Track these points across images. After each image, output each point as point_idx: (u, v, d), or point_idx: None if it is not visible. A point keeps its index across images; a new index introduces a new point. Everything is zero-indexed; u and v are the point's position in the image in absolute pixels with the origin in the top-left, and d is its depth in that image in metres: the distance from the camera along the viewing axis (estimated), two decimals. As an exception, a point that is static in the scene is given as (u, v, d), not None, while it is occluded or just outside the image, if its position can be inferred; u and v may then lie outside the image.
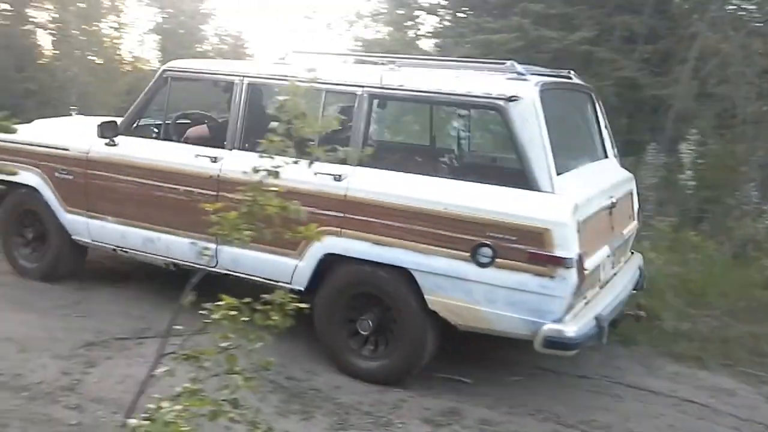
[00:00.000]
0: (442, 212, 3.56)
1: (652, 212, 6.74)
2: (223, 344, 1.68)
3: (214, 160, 4.22)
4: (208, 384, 1.65)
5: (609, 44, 8.92)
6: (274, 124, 1.74)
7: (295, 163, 1.78)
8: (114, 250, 4.78)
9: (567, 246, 3.36)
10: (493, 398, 3.75)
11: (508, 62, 3.93)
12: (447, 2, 11.56)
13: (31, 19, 34.53)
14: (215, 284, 2.58)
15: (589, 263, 3.53)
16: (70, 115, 8.48)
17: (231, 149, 4.25)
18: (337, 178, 3.82)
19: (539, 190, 3.49)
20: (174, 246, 4.37)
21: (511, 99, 3.58)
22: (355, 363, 3.91)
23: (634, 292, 4.39)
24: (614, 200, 4.03)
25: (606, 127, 4.73)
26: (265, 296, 1.80)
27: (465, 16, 10.84)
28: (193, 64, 4.95)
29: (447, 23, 11.98)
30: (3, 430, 2.93)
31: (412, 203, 3.64)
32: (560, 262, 3.35)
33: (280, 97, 1.71)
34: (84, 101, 11.04)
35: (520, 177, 3.56)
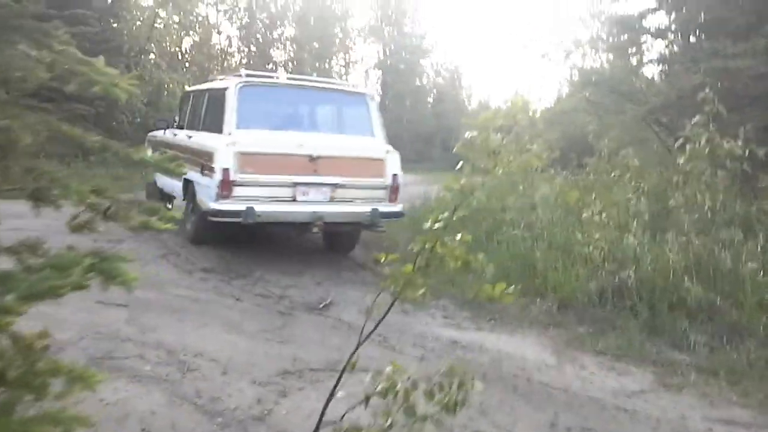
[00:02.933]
0: (193, 148, 7.49)
1: None
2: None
3: (174, 134, 8.70)
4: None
5: None
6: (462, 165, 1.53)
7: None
8: None
9: (218, 162, 6.59)
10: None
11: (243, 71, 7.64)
12: (677, 25, 10.58)
13: (273, 59, 38.32)
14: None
15: (242, 177, 6.53)
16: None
17: (180, 128, 8.61)
18: (189, 137, 7.92)
19: (223, 134, 6.83)
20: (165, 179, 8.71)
21: (226, 89, 7.15)
22: (187, 232, 7.54)
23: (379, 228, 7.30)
24: (315, 153, 6.81)
25: (377, 117, 7.58)
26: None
27: (695, 40, 9.84)
28: (196, 86, 9.47)
29: (676, 48, 11.00)
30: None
31: (188, 144, 7.81)
32: (212, 170, 6.64)
33: (468, 134, 1.50)
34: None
35: (219, 128, 6.97)
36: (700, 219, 6.08)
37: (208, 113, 7.67)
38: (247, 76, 7.43)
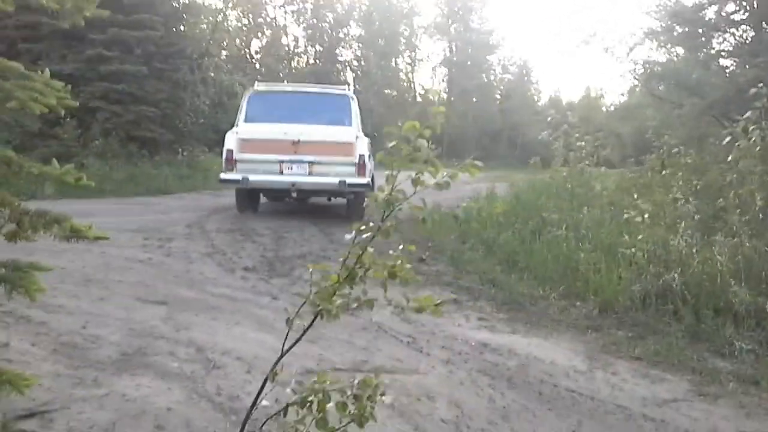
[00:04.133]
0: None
1: None
2: None
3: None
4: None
5: None
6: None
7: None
8: None
9: (226, 145, 9.46)
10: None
11: (258, 83, 10.84)
12: (746, 16, 10.04)
13: (339, 59, 38.69)
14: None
15: (241, 156, 9.32)
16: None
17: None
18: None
19: (234, 127, 9.71)
20: None
21: (243, 94, 10.46)
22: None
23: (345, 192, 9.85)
24: (297, 138, 9.27)
25: (356, 112, 10.03)
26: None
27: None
28: None
29: (748, 39, 10.46)
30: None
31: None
32: (225, 151, 9.47)
33: (390, 144, 1.48)
34: (378, 131, 11.96)
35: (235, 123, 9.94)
36: (753, 220, 5.77)
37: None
38: (259, 85, 10.39)
